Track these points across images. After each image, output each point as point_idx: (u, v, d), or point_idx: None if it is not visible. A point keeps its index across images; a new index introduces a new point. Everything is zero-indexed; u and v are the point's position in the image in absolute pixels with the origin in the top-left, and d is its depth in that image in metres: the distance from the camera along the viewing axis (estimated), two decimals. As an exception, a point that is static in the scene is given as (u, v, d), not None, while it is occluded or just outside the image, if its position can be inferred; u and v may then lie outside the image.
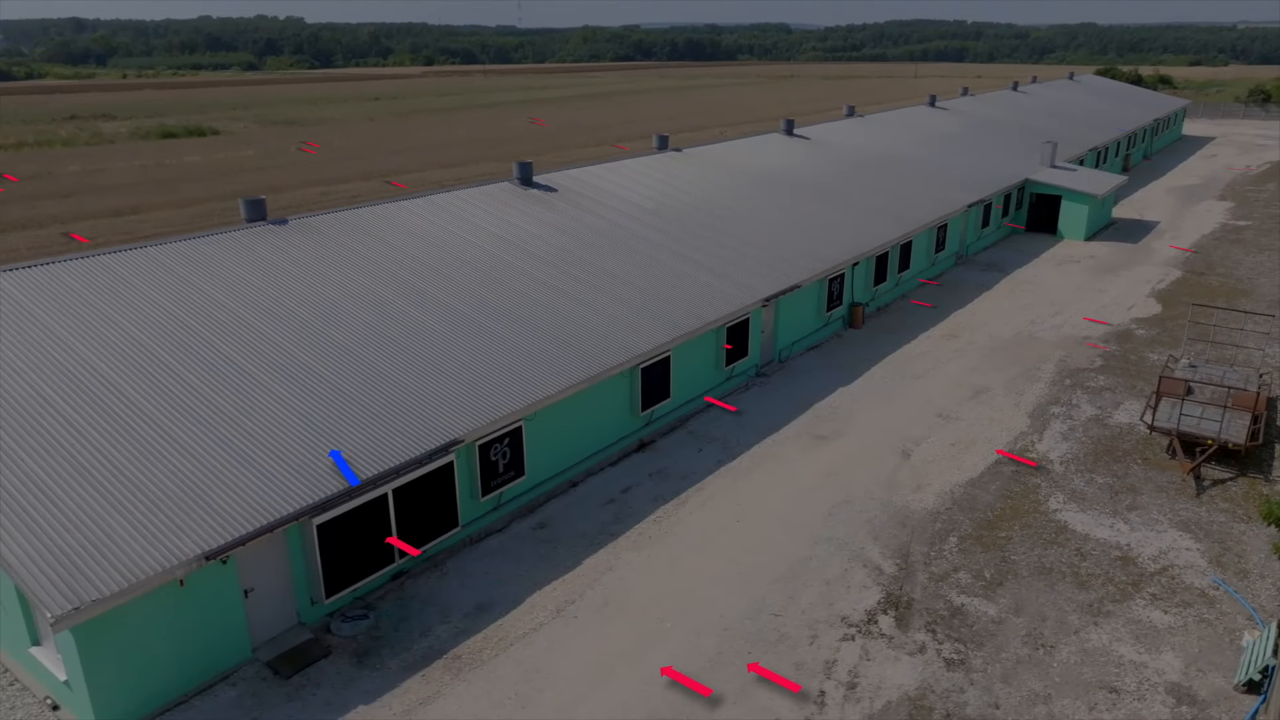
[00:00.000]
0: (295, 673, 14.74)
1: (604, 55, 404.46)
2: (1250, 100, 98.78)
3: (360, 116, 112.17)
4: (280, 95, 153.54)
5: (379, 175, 64.32)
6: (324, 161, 71.39)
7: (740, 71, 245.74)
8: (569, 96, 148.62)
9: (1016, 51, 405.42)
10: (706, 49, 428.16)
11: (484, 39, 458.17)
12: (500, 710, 13.87)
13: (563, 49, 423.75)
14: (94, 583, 12.61)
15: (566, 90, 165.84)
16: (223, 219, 48.99)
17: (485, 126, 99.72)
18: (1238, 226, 46.58)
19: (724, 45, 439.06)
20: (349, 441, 16.36)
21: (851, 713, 13.69)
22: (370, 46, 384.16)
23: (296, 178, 63.10)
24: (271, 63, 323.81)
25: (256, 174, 64.96)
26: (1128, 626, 15.52)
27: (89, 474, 14.35)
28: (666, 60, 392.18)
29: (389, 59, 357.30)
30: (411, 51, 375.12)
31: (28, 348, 16.78)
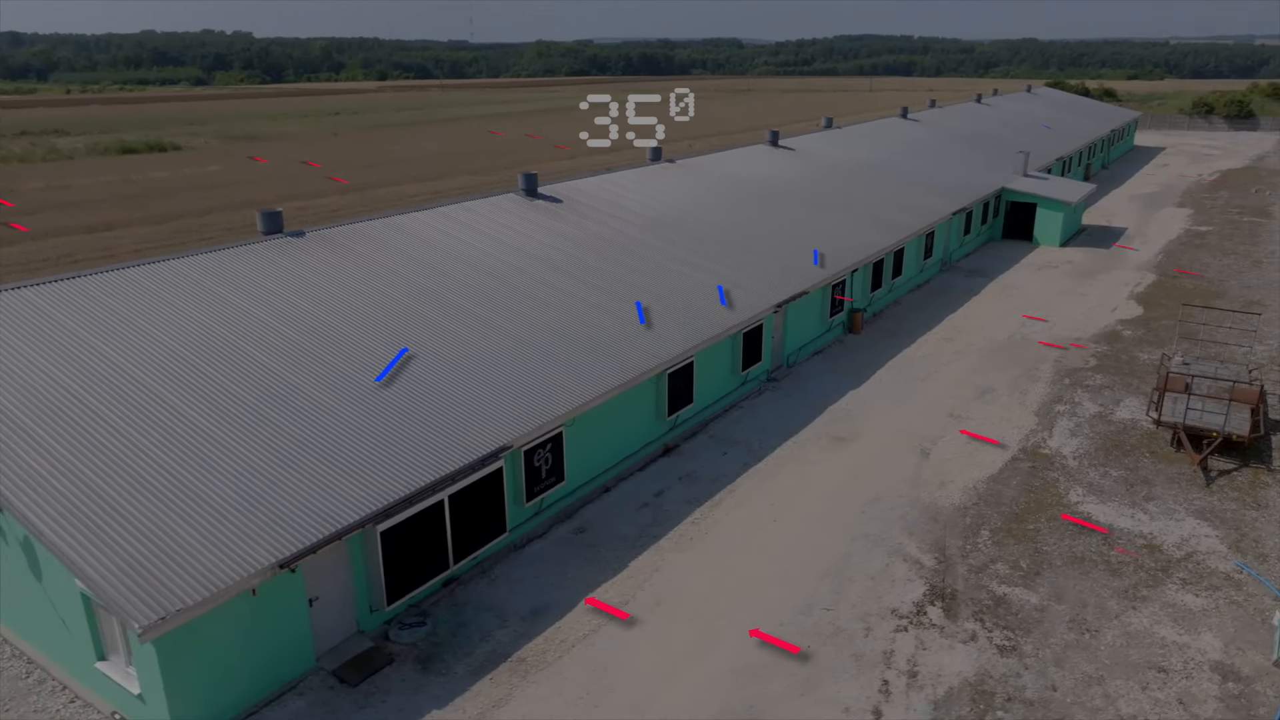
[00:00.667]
0: (362, 680, 14.76)
1: (559, 70, 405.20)
2: (1194, 112, 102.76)
3: (323, 131, 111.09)
4: (235, 110, 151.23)
5: (353, 189, 63.86)
6: (295, 176, 70.64)
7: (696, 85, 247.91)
8: (530, 110, 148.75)
9: (962, 66, 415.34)
10: (661, 63, 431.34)
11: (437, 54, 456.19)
12: (574, 710, 14.04)
13: (517, 63, 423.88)
14: (174, 593, 12.56)
15: (527, 104, 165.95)
16: (202, 235, 48.32)
17: (451, 140, 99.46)
18: (1201, 232, 48.48)
19: (678, 60, 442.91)
20: (402, 449, 16.44)
21: (916, 700, 14.13)
22: (322, 61, 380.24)
23: (269, 192, 62.35)
24: (221, 77, 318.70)
25: (228, 189, 64.06)
26: (1164, 610, 16.22)
27: (150, 486, 14.26)
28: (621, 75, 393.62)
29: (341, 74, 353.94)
30: (364, 66, 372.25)
31: (68, 361, 16.59)
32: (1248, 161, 76.55)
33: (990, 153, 52.86)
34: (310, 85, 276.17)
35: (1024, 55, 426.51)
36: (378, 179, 68.51)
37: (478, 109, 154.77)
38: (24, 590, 14.88)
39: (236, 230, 49.49)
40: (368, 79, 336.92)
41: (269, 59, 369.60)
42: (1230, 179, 67.14)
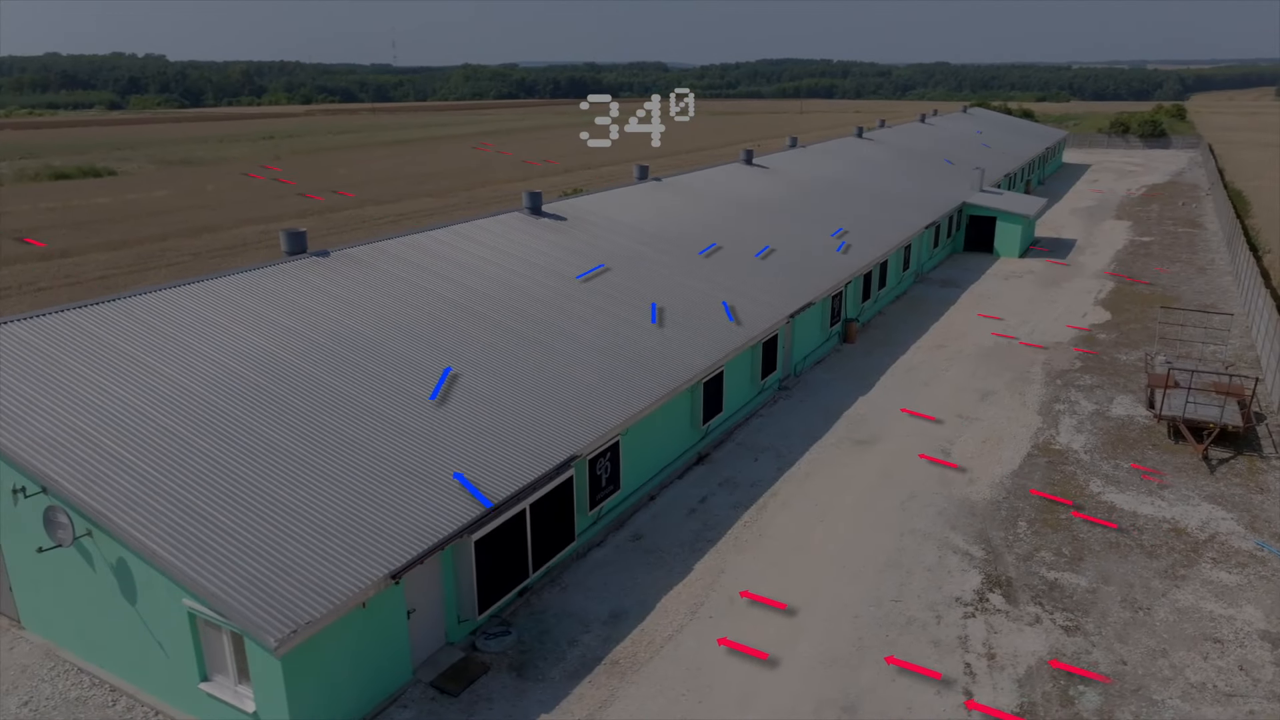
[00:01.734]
0: (462, 690, 14.86)
1: (486, 93, 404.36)
2: (1112, 131, 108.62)
3: (264, 155, 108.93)
4: (161, 135, 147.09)
5: (313, 212, 62.99)
6: (250, 200, 69.30)
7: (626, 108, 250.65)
8: (472, 133, 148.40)
9: (881, 88, 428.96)
10: (588, 86, 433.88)
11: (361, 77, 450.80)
12: (679, 707, 14.41)
13: (444, 87, 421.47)
14: (298, 608, 12.57)
15: (466, 127, 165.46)
16: (167, 261, 47.17)
17: (401, 163, 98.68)
18: (1144, 242, 51.39)
19: (605, 83, 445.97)
20: (480, 461, 16.64)
21: (1001, 679, 14.91)
22: (243, 85, 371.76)
23: (226, 217, 61.10)
24: (136, 101, 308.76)
25: (183, 214, 62.46)
26: (1204, 586, 17.40)
27: (248, 504, 14.21)
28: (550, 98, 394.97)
29: (264, 97, 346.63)
30: (287, 90, 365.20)
31: (130, 381, 16.38)
32: (1169, 177, 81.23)
33: (944, 169, 55.14)
34: (233, 109, 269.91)
35: (938, 78, 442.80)
36: (334, 203, 67.66)
37: (415, 132, 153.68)
38: (110, 615, 14.59)
39: (203, 256, 48.49)
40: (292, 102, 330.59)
41: (186, 82, 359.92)
42: (1157, 193, 71.20)
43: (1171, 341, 31.99)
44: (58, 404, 15.35)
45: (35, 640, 16.18)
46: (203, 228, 56.95)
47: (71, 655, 15.70)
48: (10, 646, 16.03)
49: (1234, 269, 42.41)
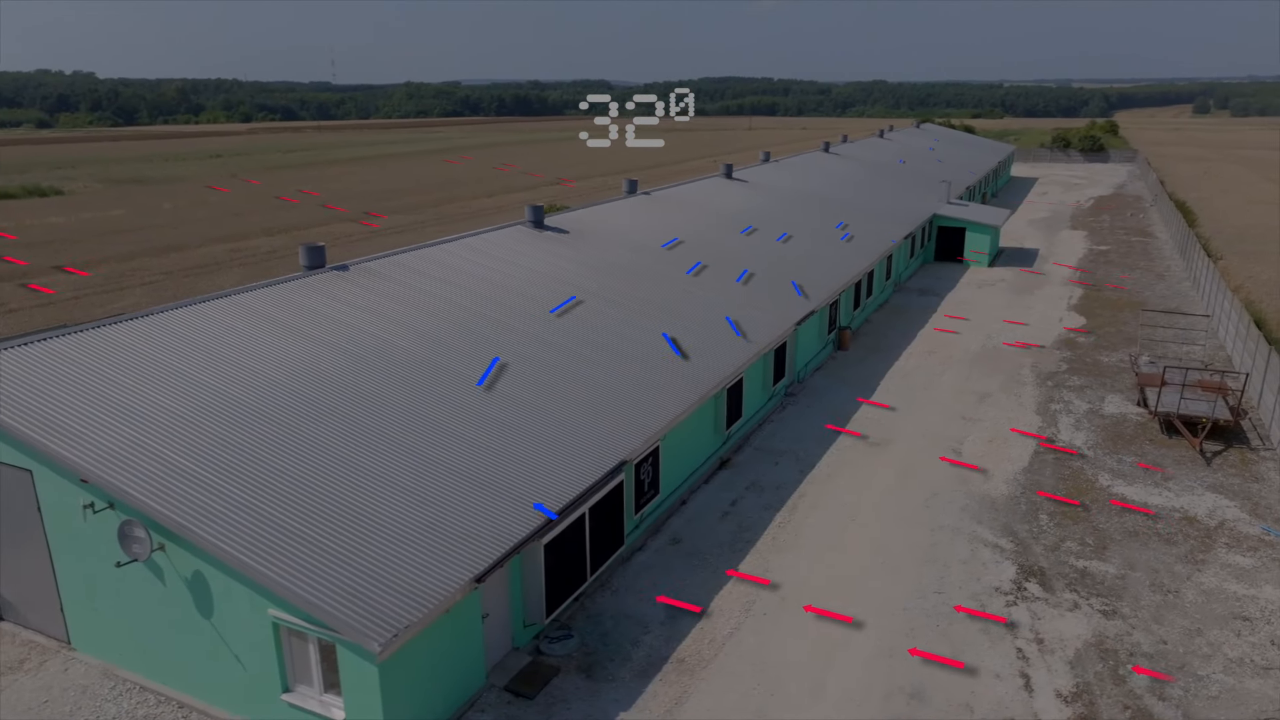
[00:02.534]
0: (537, 693, 15.02)
1: (431, 111, 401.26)
2: (1054, 146, 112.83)
3: (217, 174, 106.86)
4: (100, 154, 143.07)
5: (279, 230, 62.14)
6: (212, 218, 68.05)
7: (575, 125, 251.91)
8: (425, 150, 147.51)
9: (821, 106, 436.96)
10: (534, 104, 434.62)
11: (301, 95, 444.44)
12: (753, 701, 14.79)
13: (387, 104, 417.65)
14: (393, 613, 12.66)
15: (417, 145, 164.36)
16: (142, 280, 46.17)
17: (357, 180, 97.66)
18: (1102, 251, 53.58)
19: (550, 101, 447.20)
20: (541, 468, 16.86)
21: (1054, 662, 15.61)
22: (178, 103, 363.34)
23: (191, 235, 59.91)
24: (66, 119, 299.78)
25: (144, 233, 61.02)
26: (1224, 569, 18.40)
27: (321, 513, 14.24)
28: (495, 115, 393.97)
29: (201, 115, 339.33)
30: (225, 108, 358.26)
31: (182, 395, 16.27)
32: (1112, 189, 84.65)
33: (910, 182, 56.81)
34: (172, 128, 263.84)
35: (876, 96, 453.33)
36: (298, 220, 66.82)
37: (366, 150, 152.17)
38: (180, 631, 14.44)
39: (175, 274, 47.61)
40: (231, 120, 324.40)
41: (119, 100, 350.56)
42: (1105, 204, 74.18)
43: (1146, 343, 33.53)
44: (114, 418, 15.19)
45: (89, 661, 15.87)
46: (168, 246, 55.78)
47: (132, 674, 15.45)
48: (64, 668, 15.70)
49: (1191, 275, 44.50)
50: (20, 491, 15.55)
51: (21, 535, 16.01)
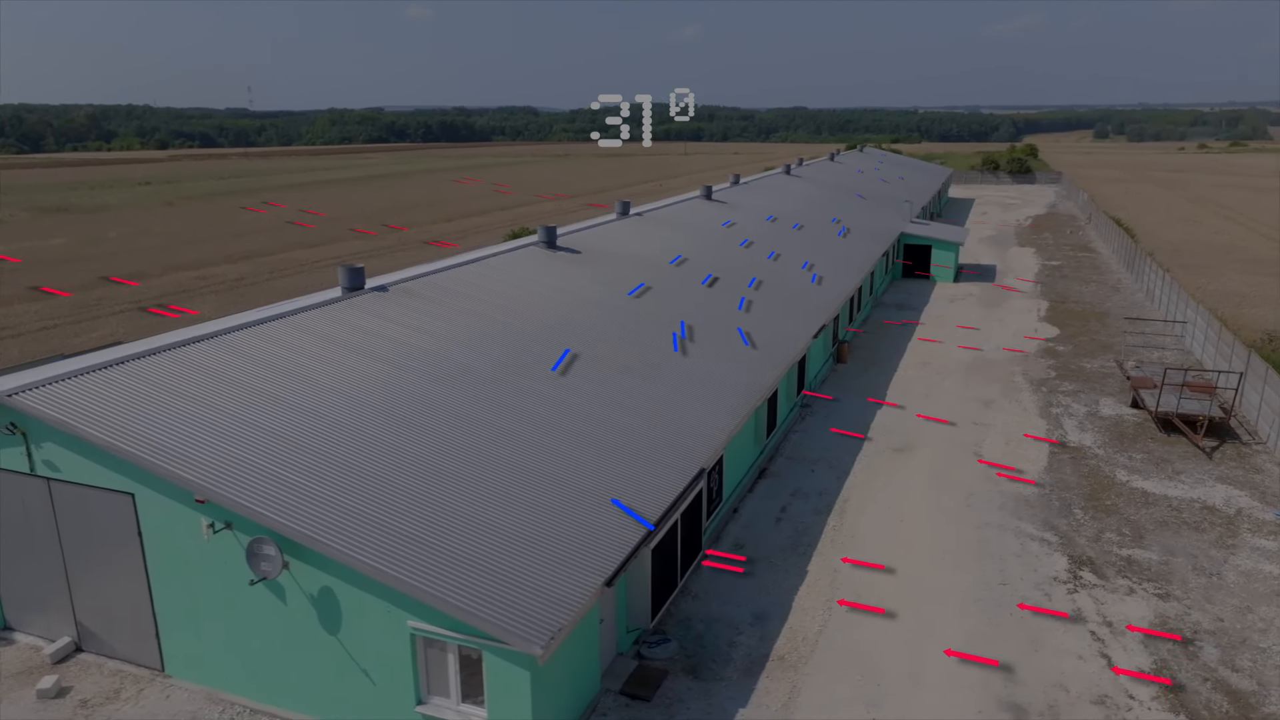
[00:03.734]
0: (654, 695, 15.35)
1: (356, 137, 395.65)
2: (984, 168, 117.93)
3: (150, 201, 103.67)
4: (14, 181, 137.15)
5: (240, 257, 60.83)
6: (165, 246, 66.15)
7: (509, 151, 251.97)
8: (362, 177, 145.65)
9: (745, 131, 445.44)
10: (461, 130, 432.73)
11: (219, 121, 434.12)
12: (862, 690, 15.41)
13: (310, 131, 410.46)
14: (541, 617, 12.91)
15: (350, 171, 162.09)
16: (115, 309, 44.73)
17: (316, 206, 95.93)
18: (1054, 266, 56.40)
19: (478, 127, 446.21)
20: (632, 478, 17.27)
21: (1128, 642, 16.65)
22: (88, 129, 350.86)
23: (151, 263, 58.21)
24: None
25: (94, 263, 58.97)
26: (1255, 552, 19.84)
27: (446, 524, 14.42)
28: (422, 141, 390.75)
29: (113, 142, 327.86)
30: (139, 135, 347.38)
31: (275, 414, 16.24)
32: (1045, 209, 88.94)
33: (874, 202, 58.91)
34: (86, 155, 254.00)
35: (798, 122, 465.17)
36: (256, 247, 65.51)
37: (301, 176, 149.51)
38: (299, 650, 14.37)
39: (146, 304, 46.23)
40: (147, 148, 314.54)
41: (24, 126, 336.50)
42: (1043, 223, 77.93)
43: (1120, 349, 35.59)
44: (217, 438, 15.08)
45: (189, 686, 15.57)
46: (130, 274, 54.09)
47: (238, 698, 15.23)
48: (165, 695, 15.38)
49: (1144, 287, 47.25)
50: (118, 516, 15.26)
51: (113, 562, 15.68)
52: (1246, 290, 46.64)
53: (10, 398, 14.90)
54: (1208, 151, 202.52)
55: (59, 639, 16.45)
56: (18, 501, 16.15)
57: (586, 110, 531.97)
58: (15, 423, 15.28)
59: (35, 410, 14.75)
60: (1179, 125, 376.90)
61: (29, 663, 16.22)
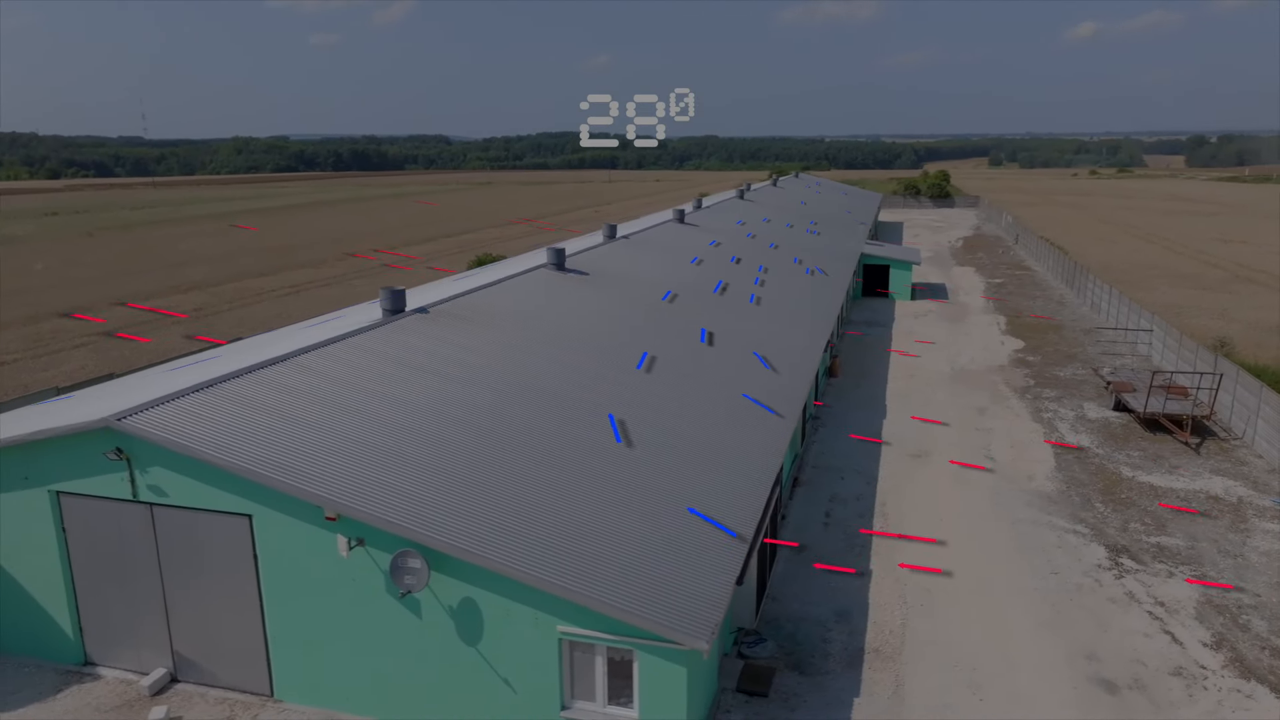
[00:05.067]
0: (769, 691, 15.90)
1: (263, 166, 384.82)
2: (907, 193, 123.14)
3: (63, 232, 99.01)
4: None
5: (189, 287, 58.91)
6: (100, 277, 63.49)
7: (429, 179, 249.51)
8: (285, 206, 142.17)
9: (660, 160, 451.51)
10: (373, 159, 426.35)
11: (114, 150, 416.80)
12: (962, 675, 16.30)
13: (213, 160, 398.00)
14: (695, 615, 13.38)
15: (271, 200, 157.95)
16: (73, 342, 42.86)
17: (235, 239, 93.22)
18: (997, 284, 59.47)
19: (390, 155, 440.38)
20: (724, 488, 17.87)
21: (1184, 619, 18.04)
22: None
23: (92, 296, 55.79)
24: None
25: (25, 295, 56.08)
26: (1268, 535, 21.66)
27: (573, 532, 14.78)
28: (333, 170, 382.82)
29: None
30: (28, 164, 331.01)
31: (379, 431, 16.31)
32: (971, 231, 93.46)
33: (831, 225, 61.10)
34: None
35: (710, 150, 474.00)
36: (205, 277, 63.55)
37: (219, 206, 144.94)
38: (432, 663, 14.43)
39: (103, 335, 44.50)
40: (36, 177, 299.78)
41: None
42: (973, 244, 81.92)
43: (1085, 358, 37.99)
44: (332, 455, 15.11)
45: (305, 710, 15.35)
46: (72, 307, 51.79)
47: (360, 718, 15.08)
48: (282, 719, 15.13)
49: (1088, 301, 50.34)
50: (233, 539, 15.04)
51: (222, 586, 15.40)
52: (1180, 302, 50.23)
53: (120, 421, 14.60)
54: (1099, 177, 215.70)
55: (154, 670, 15.98)
56: (111, 530, 15.71)
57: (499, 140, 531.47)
58: (121, 448, 14.92)
59: (148, 434, 14.49)
60: (1065, 153, 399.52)
61: (125, 696, 15.71)
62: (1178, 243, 78.47)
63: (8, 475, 15.83)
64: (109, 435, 14.86)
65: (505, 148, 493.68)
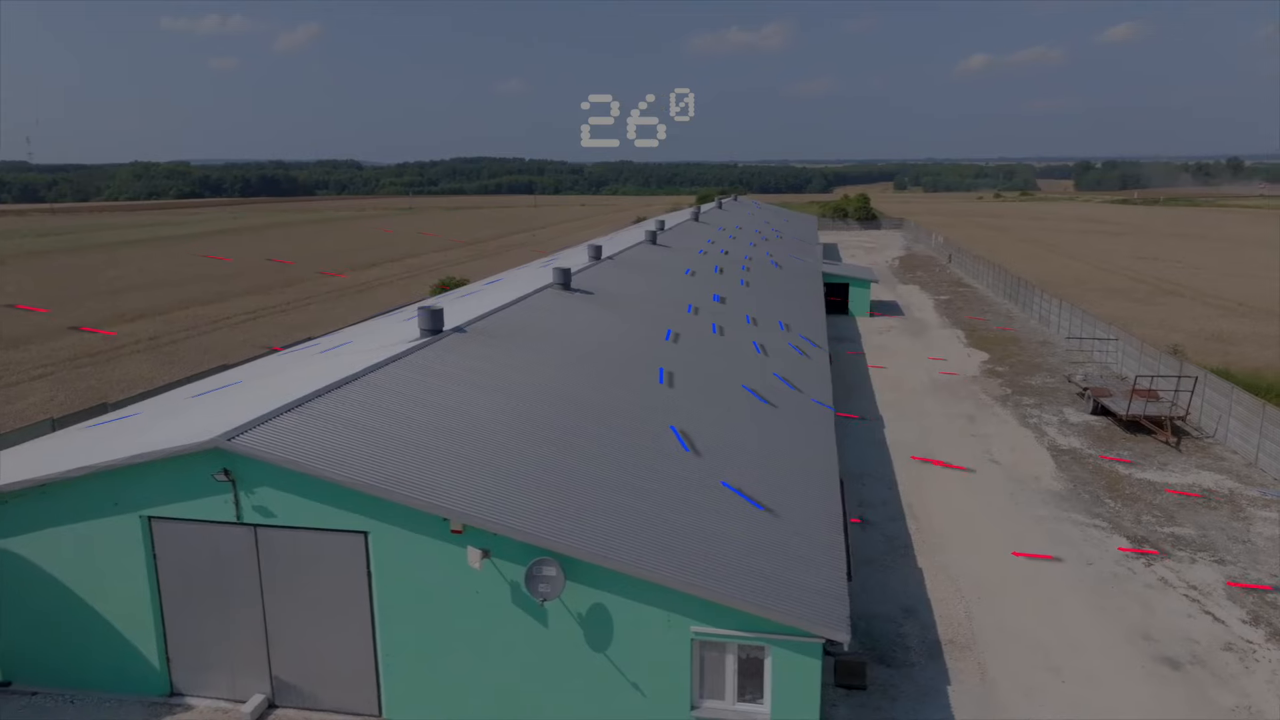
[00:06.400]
0: (865, 684, 16.53)
1: (165, 192, 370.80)
2: (834, 216, 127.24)
3: None
4: None
5: (134, 316, 56.64)
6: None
7: (347, 205, 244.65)
8: (202, 233, 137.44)
9: (576, 185, 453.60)
10: (282, 184, 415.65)
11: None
12: (1039, 658, 17.29)
13: (111, 185, 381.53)
14: (826, 611, 13.96)
15: (186, 227, 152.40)
16: (23, 373, 40.80)
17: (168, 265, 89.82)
18: (945, 300, 62.14)
19: (301, 181, 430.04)
20: (800, 491, 18.52)
21: (1218, 599, 19.48)
22: None
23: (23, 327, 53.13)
24: None
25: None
26: (1266, 521, 23.48)
27: (690, 536, 15.20)
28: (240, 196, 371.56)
29: None
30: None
31: (473, 445, 16.44)
32: (904, 250, 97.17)
33: (788, 245, 62.85)
34: None
35: (626, 175, 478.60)
36: (148, 304, 61.20)
37: (131, 233, 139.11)
38: (560, 671, 14.56)
39: (68, 366, 42.53)
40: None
41: None
42: (908, 263, 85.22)
43: (1049, 368, 40.24)
44: (441, 469, 15.16)
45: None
46: (13, 340, 49.26)
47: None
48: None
49: (1037, 314, 53.11)
50: (346, 557, 14.90)
51: (330, 607, 15.21)
52: (1119, 315, 53.42)
53: (231, 441, 14.37)
54: (1004, 200, 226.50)
55: (251, 697, 15.61)
56: (208, 554, 15.36)
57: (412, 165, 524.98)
58: (228, 469, 14.66)
59: (261, 453, 14.30)
60: (965, 177, 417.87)
61: (225, 725, 15.31)
62: (1099, 260, 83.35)
63: (96, 502, 15.33)
64: (217, 456, 14.59)
65: (419, 173, 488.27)
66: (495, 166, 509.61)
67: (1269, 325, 50.42)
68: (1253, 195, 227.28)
